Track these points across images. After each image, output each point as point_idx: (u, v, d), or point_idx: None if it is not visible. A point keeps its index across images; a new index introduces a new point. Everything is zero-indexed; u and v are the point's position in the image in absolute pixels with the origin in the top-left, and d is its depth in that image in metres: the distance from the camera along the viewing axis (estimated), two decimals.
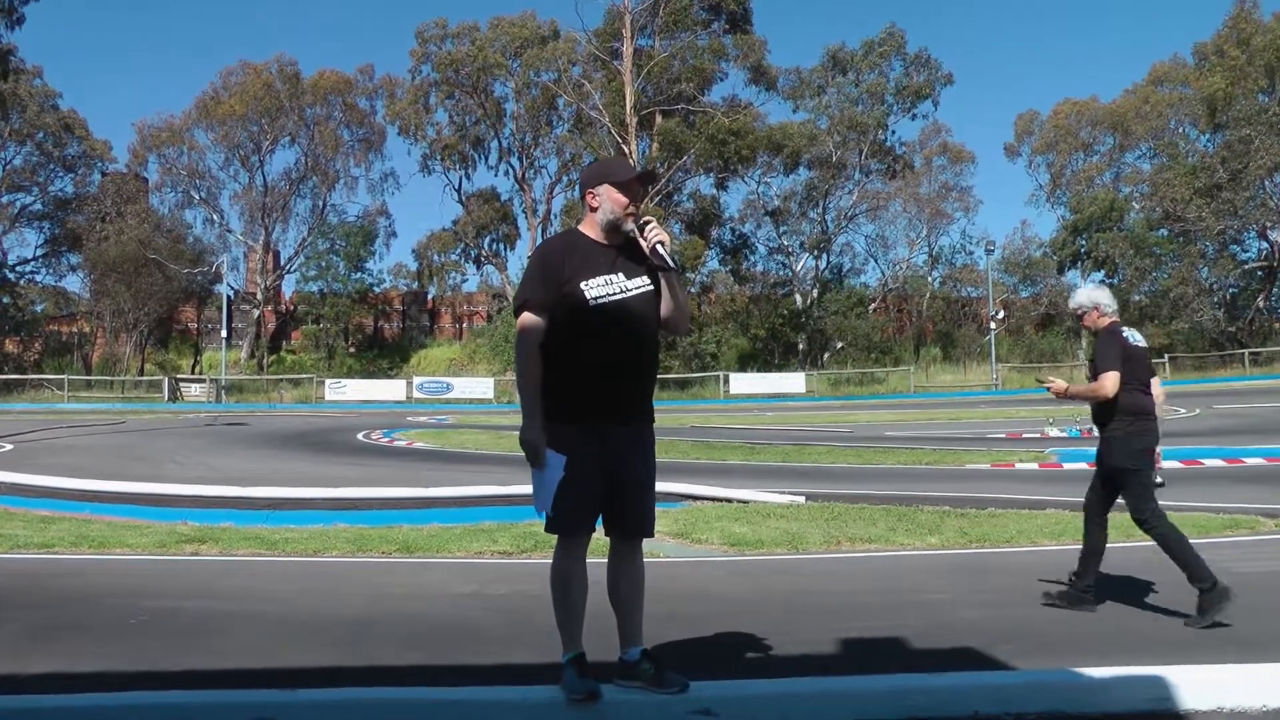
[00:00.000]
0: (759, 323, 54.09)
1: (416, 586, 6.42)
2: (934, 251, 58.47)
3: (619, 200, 3.87)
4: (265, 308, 57.06)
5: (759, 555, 7.46)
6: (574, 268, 3.79)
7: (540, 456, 3.70)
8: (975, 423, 23.87)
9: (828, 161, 52.47)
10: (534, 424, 3.72)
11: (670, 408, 36.59)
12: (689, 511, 9.43)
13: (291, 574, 6.90)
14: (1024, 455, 14.98)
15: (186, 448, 18.97)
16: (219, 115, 54.19)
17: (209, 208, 57.73)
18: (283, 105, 54.42)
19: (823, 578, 6.73)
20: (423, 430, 24.81)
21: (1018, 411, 26.54)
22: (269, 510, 9.60)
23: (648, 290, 3.87)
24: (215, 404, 44.14)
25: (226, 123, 54.43)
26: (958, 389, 44.47)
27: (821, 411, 32.72)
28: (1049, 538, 7.88)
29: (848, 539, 7.94)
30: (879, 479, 12.39)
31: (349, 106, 56.85)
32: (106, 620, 5.33)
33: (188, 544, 7.80)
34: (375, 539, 7.96)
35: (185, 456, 16.97)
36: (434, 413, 36.76)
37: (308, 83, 55.51)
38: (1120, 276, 53.10)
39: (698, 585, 6.45)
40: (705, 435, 21.02)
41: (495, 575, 6.74)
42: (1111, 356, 5.48)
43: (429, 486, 10.86)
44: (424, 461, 16.76)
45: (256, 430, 25.03)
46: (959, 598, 5.90)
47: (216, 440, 21.47)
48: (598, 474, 3.73)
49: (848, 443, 18.45)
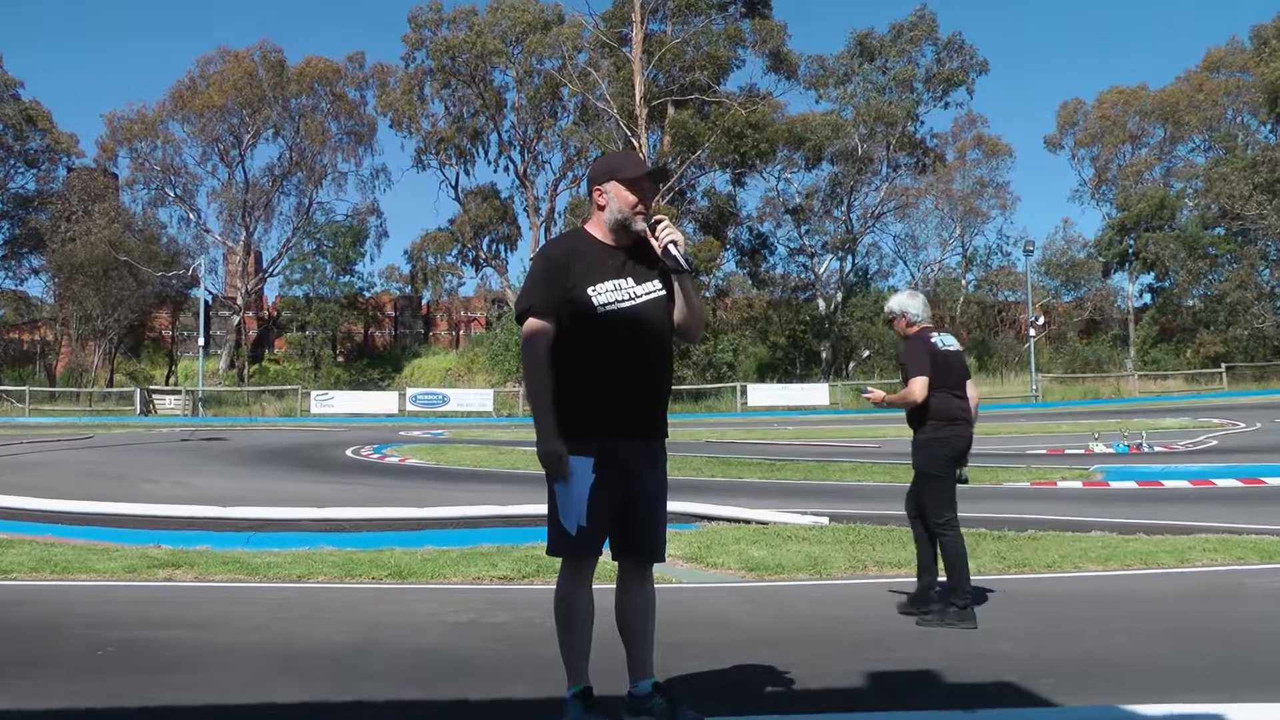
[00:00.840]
0: (779, 330, 54.12)
1: (409, 615, 6.41)
2: (968, 252, 58.61)
3: (627, 199, 3.86)
4: (246, 314, 57.32)
5: (779, 581, 7.44)
6: (580, 272, 3.78)
7: (563, 468, 3.69)
8: (1013, 438, 23.78)
9: (853, 155, 52.54)
10: (550, 435, 3.70)
11: (683, 421, 36.51)
12: (703, 533, 9.41)
13: (274, 601, 6.89)
14: (1067, 473, 14.92)
15: (160, 465, 19.00)
16: (196, 106, 54.44)
17: (185, 206, 58.12)
18: (265, 95, 54.67)
19: (848, 605, 6.71)
20: (416, 446, 24.83)
21: (1060, 426, 26.45)
22: (249, 532, 9.61)
23: (660, 295, 3.86)
24: (191, 417, 44.23)
25: (204, 114, 54.68)
26: (994, 401, 44.32)
27: (846, 425, 32.64)
28: (1095, 562, 7.83)
29: (875, 563, 7.92)
30: None
31: (337, 97, 57.10)
32: (70, 653, 5.33)
33: (160, 569, 7.79)
34: (365, 563, 7.95)
35: (158, 474, 16.99)
36: (429, 427, 36.80)
37: (293, 71, 55.76)
38: (1172, 279, 53.07)
39: (713, 613, 6.44)
40: (721, 451, 20.99)
41: (495, 602, 6.73)
42: (920, 362, 6.01)
43: (423, 506, 10.85)
44: (418, 479, 16.75)
45: (236, 446, 25.06)
46: (996, 627, 5.87)
47: (193, 457, 21.50)
48: (606, 493, 3.74)
49: (875, 459, 18.40)
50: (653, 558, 3.89)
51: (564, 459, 3.68)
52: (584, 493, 3.69)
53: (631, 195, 3.86)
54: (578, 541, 3.75)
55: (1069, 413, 33.48)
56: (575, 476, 3.69)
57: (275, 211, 58.93)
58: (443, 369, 55.99)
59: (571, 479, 3.69)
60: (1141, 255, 53.64)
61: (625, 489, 3.75)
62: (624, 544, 3.85)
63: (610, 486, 3.72)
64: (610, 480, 3.71)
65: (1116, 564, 7.63)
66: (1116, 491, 12.91)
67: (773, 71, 53.44)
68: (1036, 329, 47.71)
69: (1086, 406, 39.18)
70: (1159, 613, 5.73)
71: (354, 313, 57.74)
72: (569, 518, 3.72)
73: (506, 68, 53.89)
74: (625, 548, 3.86)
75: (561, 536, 3.77)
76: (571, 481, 3.70)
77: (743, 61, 52.92)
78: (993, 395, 46.19)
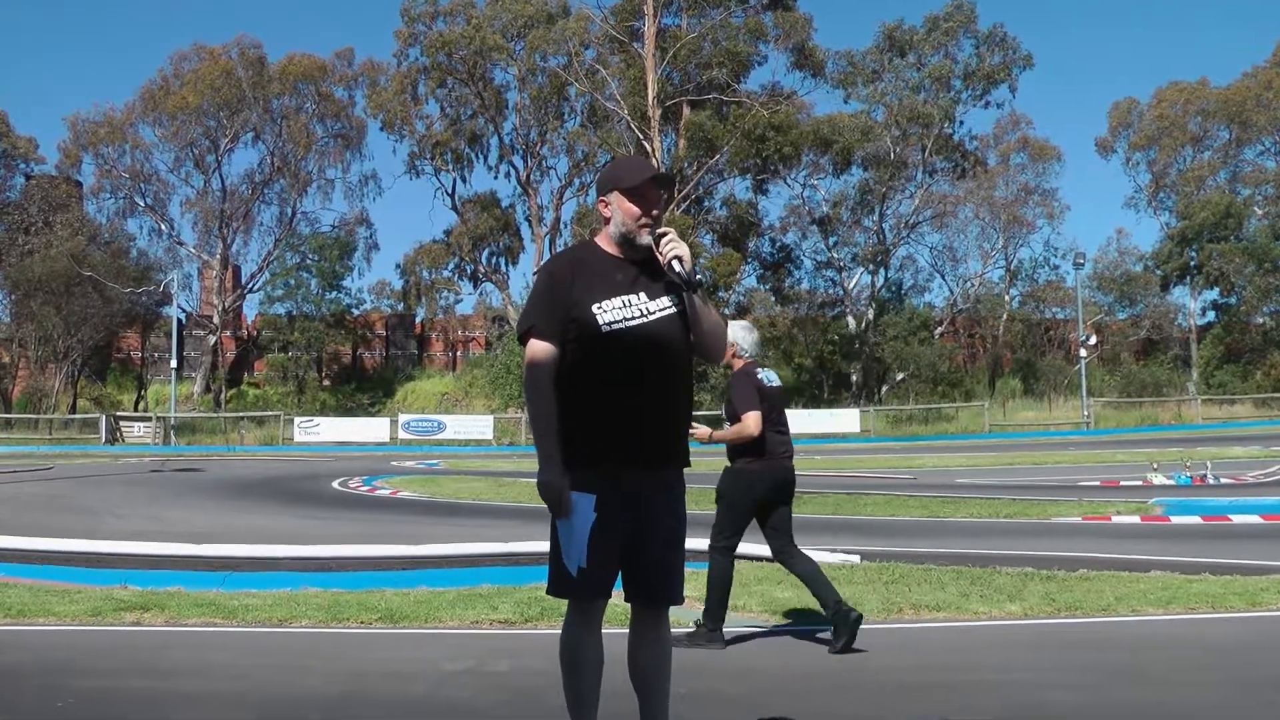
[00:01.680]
0: (804, 350, 54.11)
1: (401, 662, 6.40)
2: (1012, 265, 58.42)
3: (630, 210, 3.86)
4: (223, 334, 57.45)
5: (806, 625, 7.41)
6: (584, 287, 3.78)
7: (564, 504, 3.68)
8: (1063, 468, 23.69)
9: (885, 160, 52.58)
10: (553, 466, 3.69)
11: (700, 450, 36.37)
12: None
13: (252, 647, 6.89)
14: (1122, 506, 14.85)
15: (128, 498, 19.04)
16: (169, 108, 54.65)
17: (156, 216, 58.29)
18: (245, 95, 54.88)
19: (881, 652, 6.68)
20: (410, 477, 24.84)
21: (1115, 455, 26.35)
22: (226, 572, 9.61)
23: (673, 313, 3.85)
24: (163, 446, 44.34)
25: (178, 116, 54.90)
26: (1042, 428, 44.22)
27: (879, 454, 32.58)
28: (1155, 605, 7.78)
29: (911, 606, 7.88)
30: (948, 535, 12.32)
31: (323, 97, 57.33)
32: (26, 705, 5.32)
33: (127, 612, 7.78)
34: (352, 606, 7.95)
35: (126, 508, 17.02)
36: (423, 456, 36.81)
37: (275, 69, 55.99)
38: (1238, 295, 52.89)
39: (733, 660, 6.42)
40: None
41: (495, 649, 6.72)
42: (748, 397, 6.53)
43: (417, 543, 10.83)
44: (411, 514, 16.76)
45: (212, 477, 25.11)
46: (1046, 677, 5.84)
47: (164, 489, 21.54)
48: (618, 529, 3.72)
49: (910, 491, 18.35)
50: (667, 601, 3.87)
51: (565, 494, 3.68)
52: (584, 532, 3.68)
53: (634, 206, 3.86)
54: (580, 583, 3.73)
55: (1124, 441, 33.39)
56: (576, 514, 3.69)
57: (255, 222, 59.09)
58: (438, 393, 56.04)
59: (573, 516, 3.69)
60: (1204, 269, 53.45)
61: (635, 525, 3.74)
62: (635, 586, 3.83)
63: (616, 524, 3.70)
64: (616, 517, 3.70)
65: (1180, 607, 7.58)
66: (1178, 527, 12.83)
67: (797, 68, 53.63)
68: (1088, 349, 47.59)
69: (1144, 434, 39.03)
70: (1228, 662, 5.69)
71: (341, 332, 57.78)
72: (570, 558, 3.72)
73: (507, 65, 54.10)
74: (637, 590, 3.84)
75: (563, 577, 3.75)
76: (573, 519, 3.69)
77: (764, 58, 53.17)
78: (1040, 421, 46.09)
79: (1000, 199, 55.96)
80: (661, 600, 3.86)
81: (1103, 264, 57.02)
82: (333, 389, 57.18)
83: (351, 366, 60.48)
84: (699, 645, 6.44)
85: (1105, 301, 56.68)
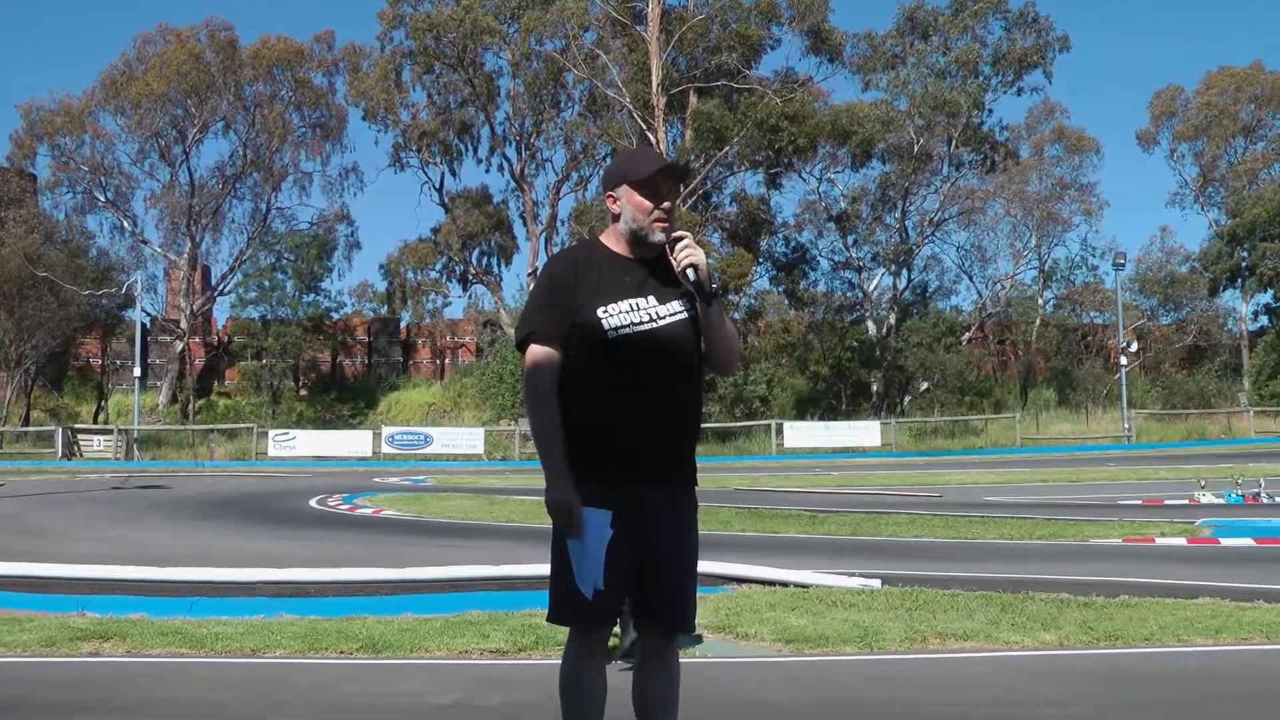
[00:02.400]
0: (820, 358, 54.07)
1: (384, 695, 6.40)
2: (1046, 266, 58.39)
3: (642, 204, 3.84)
4: (191, 339, 57.43)
5: (822, 655, 7.41)
6: (589, 289, 3.77)
7: (576, 522, 3.66)
8: (1102, 485, 23.68)
9: (908, 152, 52.55)
10: (562, 482, 3.67)
11: (709, 465, 36.36)
12: (734, 598, 9.39)
13: (222, 680, 6.89)
14: (1167, 528, 14.83)
15: (86, 517, 19.05)
16: (132, 95, 54.62)
17: (118, 212, 58.20)
18: (215, 82, 54.90)
19: (904, 685, 6.67)
20: (394, 495, 24.85)
21: (1158, 471, 26.34)
22: (193, 597, 9.61)
23: (684, 318, 3.85)
24: (125, 462, 44.36)
25: (141, 104, 54.84)
26: (1078, 442, 44.19)
27: (902, 470, 32.57)
28: (1204, 635, 7.78)
29: (936, 635, 7.88)
30: (976, 557, 12.31)
31: (300, 83, 57.32)
32: None
33: (85, 641, 7.78)
34: (331, 634, 7.95)
35: (83, 528, 17.02)
36: (408, 472, 36.81)
37: (247, 53, 55.95)
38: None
39: (745, 693, 6.43)
40: (753, 500, 20.95)
41: (485, 680, 6.72)
42: None
43: (401, 566, 10.84)
44: (395, 534, 16.73)
45: (179, 495, 25.12)
46: (1082, 712, 5.83)
47: (126, 507, 21.54)
48: (633, 548, 3.71)
49: (936, 510, 18.34)
50: (677, 628, 3.87)
51: (577, 511, 3.65)
52: (600, 551, 3.66)
53: (645, 200, 3.84)
54: (591, 607, 3.71)
55: (1169, 456, 33.36)
56: (591, 532, 3.66)
57: (226, 219, 58.91)
58: (425, 404, 56.03)
59: (586, 535, 3.66)
60: (1257, 270, 53.42)
61: (645, 546, 3.73)
62: (643, 611, 3.83)
63: (630, 544, 3.69)
64: (629, 537, 3.69)
65: (1230, 637, 7.57)
66: (1228, 550, 12.82)
67: (813, 53, 53.53)
68: (1129, 356, 47.56)
69: (1190, 449, 38.96)
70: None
71: (320, 338, 57.79)
72: (584, 580, 3.68)
73: (500, 49, 54.10)
74: (645, 616, 3.84)
75: (568, 601, 3.73)
76: (586, 537, 3.67)
77: (777, 41, 52.99)
78: (1076, 435, 46.07)
79: (1033, 194, 55.89)
80: (671, 628, 3.86)
81: (1145, 265, 57.00)
82: (310, 399, 57.17)
83: (331, 375, 60.49)
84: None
85: (1148, 305, 56.64)
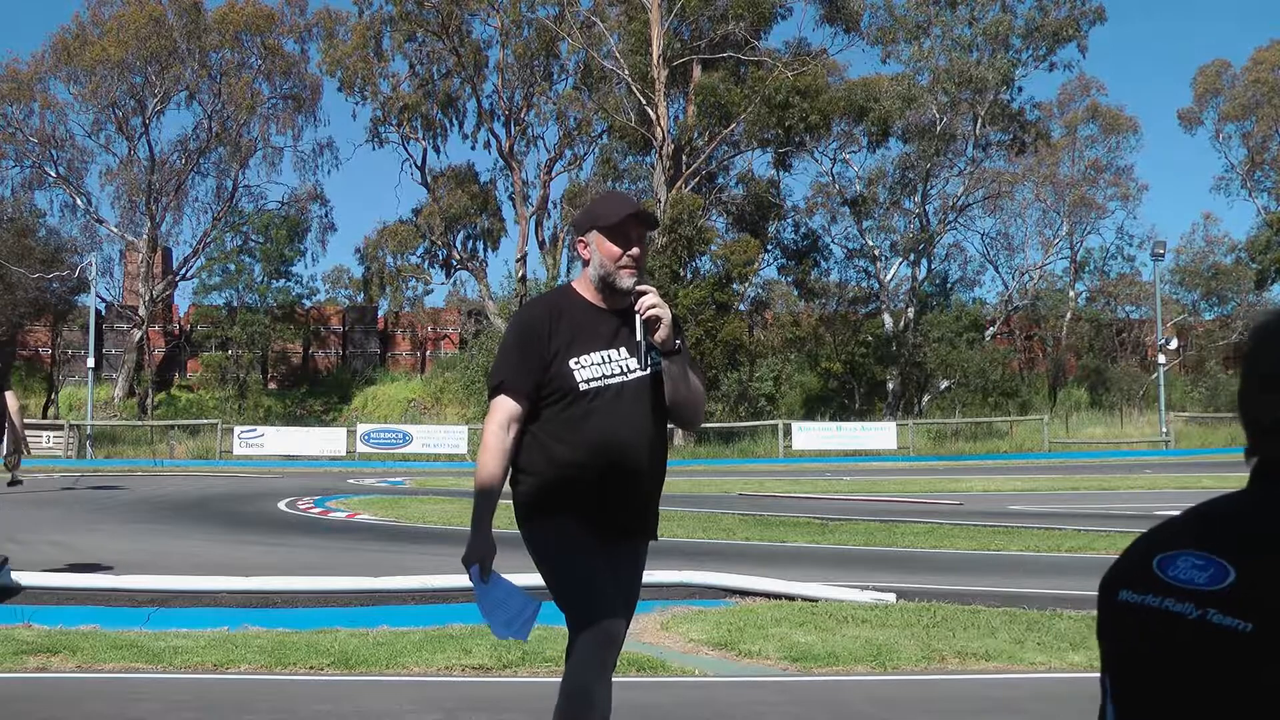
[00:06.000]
0: (833, 353, 54.05)
1: (358, 715, 6.42)
2: (1079, 256, 58.45)
3: (610, 250, 3.96)
4: (150, 328, 57.33)
5: (831, 675, 7.44)
6: (563, 339, 3.92)
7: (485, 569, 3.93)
8: (1138, 493, 23.70)
9: (930, 131, 52.49)
10: (482, 538, 3.93)
11: (711, 469, 36.45)
12: (736, 612, 9.40)
13: (182, 697, 6.89)
14: None
15: (33, 521, 19.01)
16: (86, 61, 54.40)
17: (70, 189, 57.96)
18: (177, 47, 54.75)
19: (920, 708, 6.70)
20: (370, 497, 24.90)
21: (1199, 479, 26.32)
22: (151, 608, 9.62)
23: (655, 370, 4.00)
24: (77, 460, 44.33)
25: (97, 71, 54.65)
26: (1112, 447, 44.20)
27: (919, 476, 32.60)
28: None
29: (955, 654, 7.90)
30: (999, 571, 12.32)
31: (271, 50, 57.18)
32: None
33: (31, 655, 7.78)
34: (300, 648, 7.97)
35: (29, 533, 16.99)
36: (386, 473, 36.85)
37: (213, 16, 55.84)
38: None
39: (747, 714, 6.45)
40: (758, 507, 20.95)
41: (468, 699, 6.74)
42: None
43: (377, 575, 10.86)
44: (371, 540, 16.78)
45: (136, 496, 25.13)
46: None
47: (77, 510, 21.55)
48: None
49: (956, 520, 18.35)
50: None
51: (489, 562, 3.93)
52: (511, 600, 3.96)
53: (614, 247, 3.96)
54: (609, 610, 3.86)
55: (1211, 463, 33.29)
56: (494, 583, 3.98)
57: (189, 197, 58.72)
58: (404, 399, 56.03)
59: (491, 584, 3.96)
60: None
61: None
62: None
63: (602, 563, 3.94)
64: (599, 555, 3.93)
65: None
66: None
67: (827, 22, 53.32)
68: (1168, 354, 47.59)
69: (1234, 455, 38.35)
70: None
71: (290, 327, 57.73)
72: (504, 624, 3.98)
73: (489, 16, 54.06)
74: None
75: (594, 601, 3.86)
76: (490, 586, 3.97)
77: (789, 9, 52.86)
78: (1110, 439, 46.06)
79: (1065, 177, 56.00)
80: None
81: (1186, 255, 57.01)
82: (280, 394, 57.18)
83: (302, 367, 60.48)
84: None
85: (1189, 299, 56.70)
